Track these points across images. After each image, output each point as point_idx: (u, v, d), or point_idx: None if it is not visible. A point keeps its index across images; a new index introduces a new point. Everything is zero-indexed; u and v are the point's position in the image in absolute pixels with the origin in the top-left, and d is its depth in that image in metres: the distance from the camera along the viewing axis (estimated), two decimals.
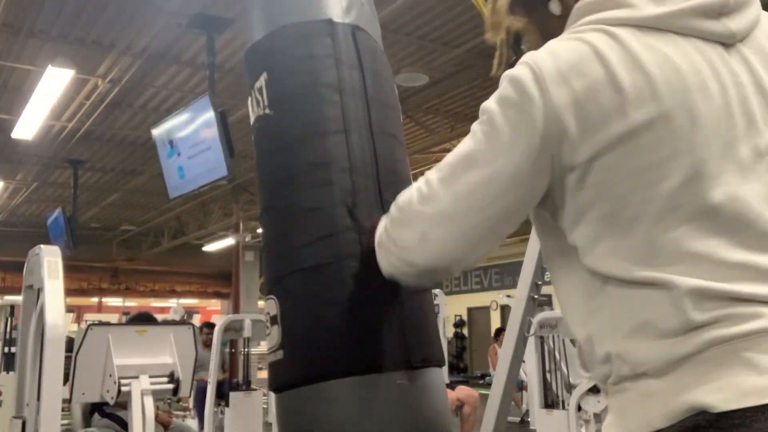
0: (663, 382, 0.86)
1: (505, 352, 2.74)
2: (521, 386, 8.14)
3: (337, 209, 1.48)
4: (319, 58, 1.57)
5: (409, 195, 1.12)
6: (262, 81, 1.60)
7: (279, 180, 1.57)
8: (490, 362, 10.16)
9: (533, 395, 5.71)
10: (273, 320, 1.50)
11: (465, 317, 18.29)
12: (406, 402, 1.44)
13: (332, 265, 1.45)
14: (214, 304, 20.04)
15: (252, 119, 1.65)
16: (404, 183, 1.55)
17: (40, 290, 3.07)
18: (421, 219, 1.08)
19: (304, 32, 1.60)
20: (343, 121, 1.53)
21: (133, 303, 18.47)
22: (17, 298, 8.62)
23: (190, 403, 6.96)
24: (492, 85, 1.10)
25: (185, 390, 3.30)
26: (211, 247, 15.35)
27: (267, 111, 1.59)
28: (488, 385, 4.34)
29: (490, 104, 1.13)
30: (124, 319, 13.45)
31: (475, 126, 1.10)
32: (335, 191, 1.49)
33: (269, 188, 1.59)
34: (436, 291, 8.61)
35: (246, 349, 6.39)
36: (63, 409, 3.09)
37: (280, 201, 1.56)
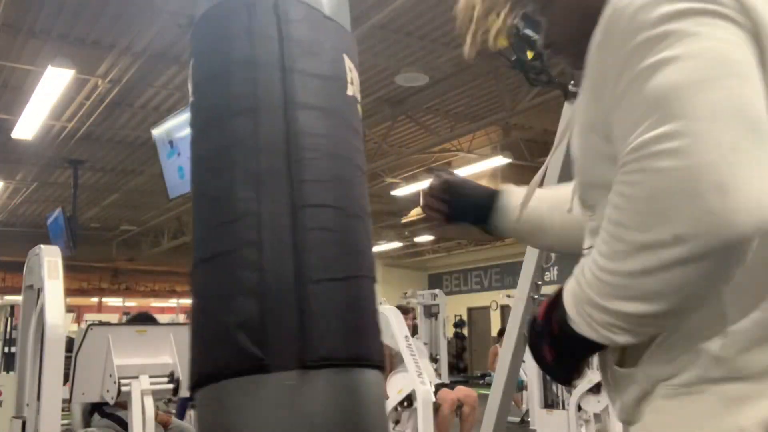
0: (762, 385, 0.78)
1: (505, 352, 2.74)
2: (521, 386, 8.13)
3: (237, 193, 1.36)
4: (232, 37, 1.48)
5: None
6: (191, 67, 1.55)
7: (195, 168, 1.48)
8: (490, 362, 10.16)
9: (533, 395, 5.71)
10: (188, 316, 1.47)
11: (465, 317, 18.28)
12: (300, 407, 1.28)
13: (226, 254, 1.33)
14: None
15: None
16: (332, 160, 1.43)
17: (40, 290, 3.07)
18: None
19: (223, 12, 1.52)
20: (253, 98, 1.42)
21: (133, 303, 18.46)
22: (17, 298, 8.61)
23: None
24: (492, 84, 1.08)
25: (185, 390, 3.30)
26: None
27: (191, 98, 1.53)
28: (488, 385, 4.34)
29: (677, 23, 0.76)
30: (124, 319, 13.45)
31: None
32: (236, 175, 1.38)
33: (191, 177, 1.51)
34: (436, 291, 8.61)
35: None
36: (63, 409, 3.09)
37: (194, 189, 1.47)
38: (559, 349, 0.91)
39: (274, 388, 1.28)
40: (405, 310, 5.50)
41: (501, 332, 11.14)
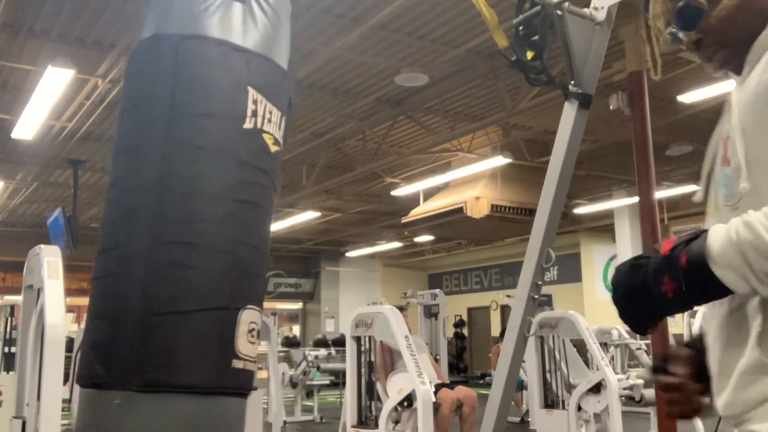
0: None
1: (505, 352, 2.74)
2: (521, 386, 8.14)
3: (114, 226, 1.54)
4: (133, 76, 1.63)
5: None
6: None
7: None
8: (492, 362, 10.15)
9: (533, 395, 5.71)
10: None
11: (465, 317, 18.28)
12: (124, 424, 1.42)
13: (98, 279, 1.56)
14: None
15: None
16: (200, 196, 1.51)
17: (40, 290, 3.07)
18: None
19: (142, 48, 1.66)
20: (137, 137, 1.55)
21: None
22: (17, 298, 8.60)
23: None
24: (492, 84, 1.08)
25: None
26: None
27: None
28: (488, 385, 4.35)
29: None
30: None
31: None
32: (116, 209, 1.55)
33: None
34: (436, 291, 8.61)
35: None
36: (63, 409, 3.08)
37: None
38: (684, 283, 0.93)
39: (105, 404, 1.44)
40: (399, 308, 5.50)
41: (503, 332, 11.13)
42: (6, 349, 6.95)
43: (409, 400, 4.23)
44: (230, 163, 1.56)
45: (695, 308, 0.99)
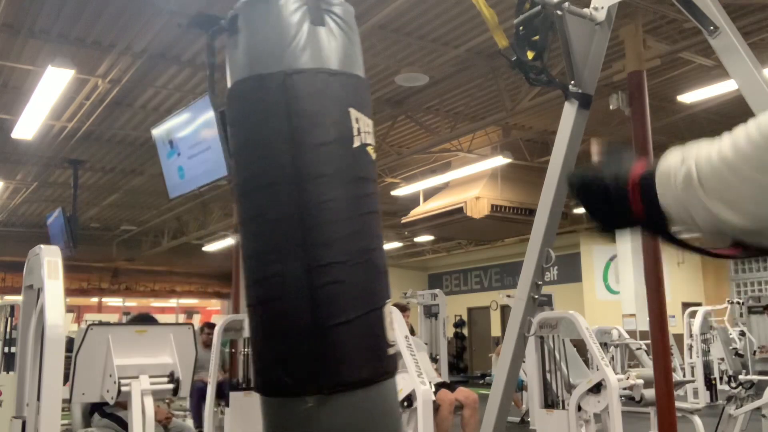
0: None
1: (505, 352, 2.74)
2: (521, 386, 8.13)
3: (267, 256, 1.69)
4: (249, 115, 1.74)
5: None
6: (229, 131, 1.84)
7: (242, 223, 1.82)
8: (494, 363, 10.15)
9: (533, 395, 5.71)
10: None
11: (465, 317, 18.28)
12: (319, 424, 1.63)
13: (261, 305, 1.71)
14: (214, 304, 20.02)
15: None
16: (338, 218, 1.71)
17: (40, 290, 3.07)
18: None
19: (246, 89, 1.75)
20: (268, 174, 1.70)
21: (133, 303, 18.46)
22: (17, 298, 8.61)
23: (187, 403, 6.96)
24: (492, 84, 1.08)
25: (185, 390, 3.30)
26: (211, 247, 15.34)
27: (232, 161, 1.83)
28: (488, 385, 4.35)
29: None
30: (124, 319, 13.45)
31: None
32: (264, 241, 1.71)
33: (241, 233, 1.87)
34: (436, 291, 8.61)
35: (246, 349, 6.38)
36: (63, 409, 3.08)
37: (240, 248, 1.85)
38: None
39: (298, 407, 1.64)
40: (402, 308, 5.50)
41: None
42: (6, 349, 6.96)
43: (409, 400, 4.23)
44: (351, 183, 1.75)
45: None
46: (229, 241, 13.14)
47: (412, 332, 7.91)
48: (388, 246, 16.59)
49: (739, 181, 0.80)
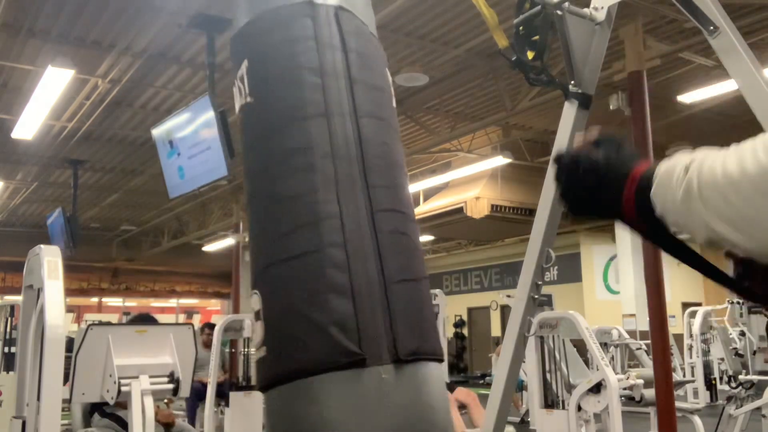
0: None
1: (505, 352, 2.73)
2: (521, 386, 8.14)
3: (318, 195, 1.42)
4: (298, 41, 1.53)
5: None
6: (243, 69, 1.56)
7: (261, 168, 1.51)
8: (494, 363, 10.15)
9: (533, 395, 5.71)
10: (257, 316, 1.44)
11: (465, 317, 18.28)
12: (393, 398, 1.34)
13: (312, 254, 1.38)
14: (214, 304, 20.04)
15: (237, 109, 1.61)
16: (393, 167, 1.52)
17: (40, 290, 3.07)
18: None
19: (283, 16, 1.56)
20: (324, 104, 1.48)
21: (133, 303, 18.47)
22: (17, 298, 8.61)
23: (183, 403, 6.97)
24: (492, 84, 1.08)
25: (185, 390, 3.30)
26: (211, 247, 15.35)
27: (248, 99, 1.55)
28: (488, 385, 4.35)
29: None
30: (124, 319, 13.45)
31: None
32: (316, 177, 1.43)
33: (252, 177, 1.54)
34: (436, 291, 8.61)
35: (246, 349, 6.38)
36: (63, 409, 3.08)
37: (261, 190, 1.50)
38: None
39: (371, 381, 1.33)
40: None
41: None
42: (6, 349, 6.96)
43: None
44: (396, 136, 1.61)
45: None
46: (229, 241, 13.15)
47: None
48: None
49: (741, 200, 0.79)
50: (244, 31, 1.61)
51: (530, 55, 2.50)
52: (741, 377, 6.03)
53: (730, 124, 8.56)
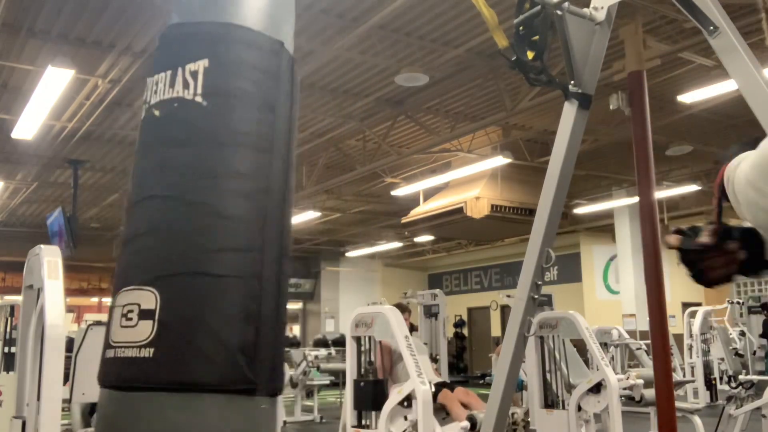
0: None
1: (505, 352, 2.74)
2: (521, 386, 8.13)
3: (253, 225, 1.49)
4: (265, 74, 1.58)
5: None
6: (200, 66, 1.54)
7: (195, 173, 1.49)
8: (494, 363, 10.15)
9: (533, 395, 5.71)
10: (145, 314, 1.41)
11: (465, 317, 18.28)
12: (267, 428, 1.46)
13: (237, 279, 1.44)
14: None
15: (166, 95, 1.56)
16: (290, 214, 1.63)
17: (40, 290, 3.07)
18: None
19: (257, 42, 1.59)
20: (271, 142, 1.55)
21: None
22: (17, 298, 8.60)
23: None
24: (492, 84, 1.08)
25: None
26: None
27: (198, 99, 1.52)
28: (488, 385, 4.35)
29: None
30: None
31: None
32: (253, 207, 1.50)
33: (177, 175, 1.50)
34: (436, 291, 8.62)
35: None
36: (63, 409, 3.08)
37: (190, 195, 1.48)
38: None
39: (254, 409, 1.43)
40: (403, 309, 5.50)
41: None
42: (6, 349, 6.96)
43: (408, 400, 4.23)
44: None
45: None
46: None
47: (414, 328, 7.91)
48: (388, 246, 16.60)
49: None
50: (211, 29, 1.59)
51: (530, 55, 2.50)
52: (741, 377, 6.03)
53: (730, 124, 8.56)
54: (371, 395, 4.50)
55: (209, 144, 1.51)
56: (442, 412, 4.95)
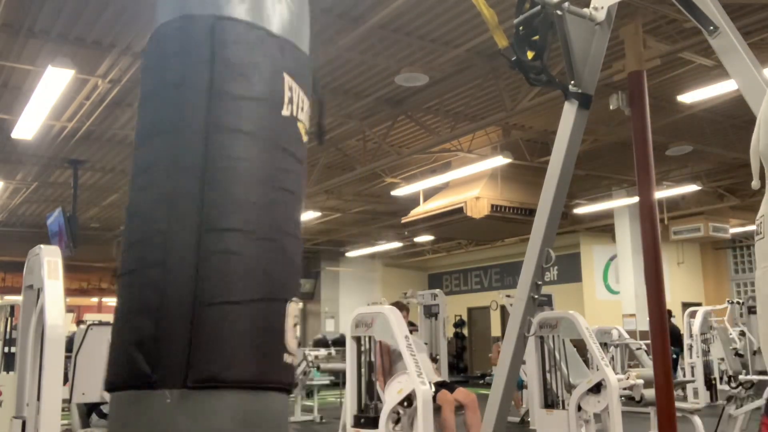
0: None
1: (505, 352, 2.74)
2: (521, 386, 8.13)
3: (151, 214, 1.43)
4: (168, 57, 1.51)
5: None
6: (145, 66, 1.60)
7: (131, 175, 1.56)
8: (492, 359, 10.15)
9: (533, 395, 5.71)
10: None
11: (465, 317, 18.29)
12: (178, 425, 1.33)
13: (134, 273, 1.40)
14: None
15: None
16: (249, 184, 1.46)
17: (40, 290, 3.07)
18: None
19: (162, 33, 1.55)
20: (174, 120, 1.46)
21: None
22: (17, 298, 8.60)
23: None
24: (492, 84, 1.08)
25: None
26: None
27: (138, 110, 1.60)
28: (488, 385, 4.35)
29: None
30: None
31: None
32: (152, 195, 1.44)
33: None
34: (436, 291, 8.62)
35: None
36: (63, 409, 3.08)
37: (128, 200, 1.56)
38: None
39: (156, 405, 1.33)
40: (401, 307, 5.50)
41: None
42: (6, 349, 6.96)
43: (409, 400, 4.23)
44: (271, 149, 1.51)
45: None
46: None
47: (414, 327, 7.91)
48: (388, 246, 16.60)
49: None
50: (148, 41, 1.61)
51: (530, 55, 2.51)
52: (741, 377, 6.03)
53: (730, 124, 8.56)
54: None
55: (133, 155, 1.54)
56: (438, 413, 4.96)
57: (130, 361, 1.34)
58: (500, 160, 8.87)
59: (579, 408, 5.06)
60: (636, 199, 4.53)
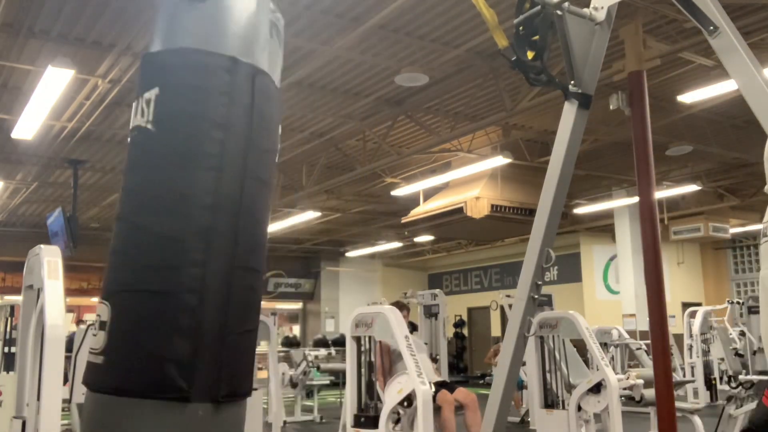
0: None
1: (505, 352, 2.74)
2: (521, 386, 8.14)
3: (190, 242, 1.55)
4: (212, 93, 1.61)
5: None
6: (152, 94, 1.64)
7: (143, 196, 1.61)
8: (487, 358, 10.15)
9: (533, 395, 5.71)
10: (102, 325, 1.57)
11: (465, 317, 18.29)
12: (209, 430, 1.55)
13: (169, 295, 1.53)
14: None
15: (132, 124, 1.70)
16: (259, 226, 1.66)
17: (40, 290, 3.07)
18: None
19: (203, 61, 1.62)
20: (219, 160, 1.59)
21: None
22: (17, 298, 8.61)
23: None
24: (492, 84, 1.08)
25: None
26: None
27: (149, 126, 1.63)
28: (488, 385, 4.35)
29: None
30: None
31: None
32: (191, 226, 1.56)
33: (130, 199, 1.64)
34: (436, 291, 8.62)
35: None
36: (63, 409, 3.08)
37: (138, 217, 1.60)
38: None
39: (189, 416, 1.53)
40: (401, 306, 5.50)
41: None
42: (6, 349, 6.96)
43: (409, 400, 4.23)
44: (270, 195, 1.75)
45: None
46: None
47: (414, 327, 7.91)
48: (388, 246, 16.60)
49: None
50: (162, 57, 1.66)
51: (530, 55, 2.51)
52: (741, 377, 6.03)
53: (730, 124, 8.55)
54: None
55: (153, 168, 1.62)
56: (438, 413, 4.96)
57: (165, 374, 1.50)
58: (500, 160, 8.87)
59: (579, 408, 5.06)
60: (636, 199, 4.53)
